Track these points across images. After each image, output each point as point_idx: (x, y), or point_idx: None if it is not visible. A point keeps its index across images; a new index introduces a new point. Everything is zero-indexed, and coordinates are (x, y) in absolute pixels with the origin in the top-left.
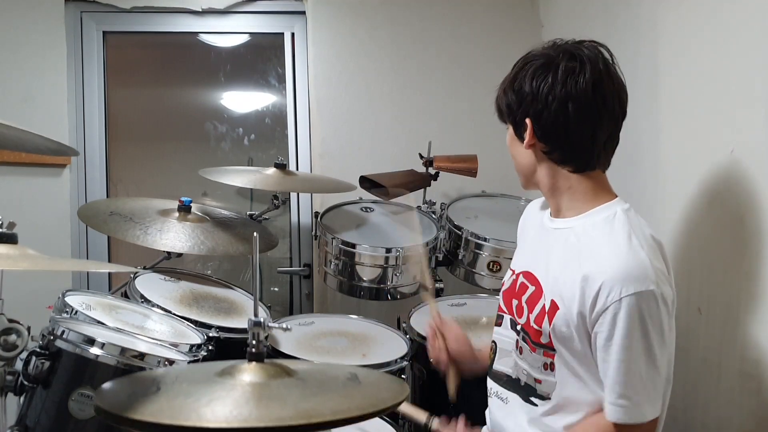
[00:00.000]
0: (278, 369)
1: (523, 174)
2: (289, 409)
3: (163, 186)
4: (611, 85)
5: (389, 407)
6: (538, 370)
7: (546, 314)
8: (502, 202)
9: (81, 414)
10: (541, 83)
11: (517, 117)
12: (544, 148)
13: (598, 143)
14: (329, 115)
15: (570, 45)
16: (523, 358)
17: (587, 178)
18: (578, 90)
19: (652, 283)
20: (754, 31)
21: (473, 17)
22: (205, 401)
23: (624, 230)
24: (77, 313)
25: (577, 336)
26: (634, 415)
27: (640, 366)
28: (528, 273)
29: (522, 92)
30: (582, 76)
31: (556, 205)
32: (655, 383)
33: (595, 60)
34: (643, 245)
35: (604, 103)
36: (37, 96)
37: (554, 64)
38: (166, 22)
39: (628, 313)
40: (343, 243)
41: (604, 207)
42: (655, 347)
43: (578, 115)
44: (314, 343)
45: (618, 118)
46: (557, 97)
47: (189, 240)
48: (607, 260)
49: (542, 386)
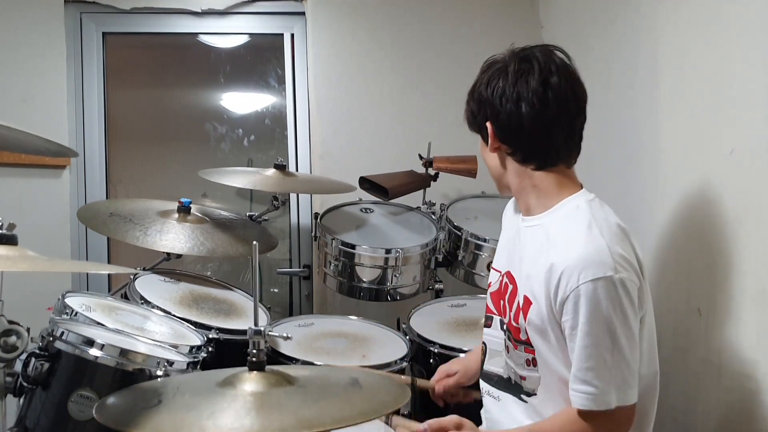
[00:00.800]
0: (279, 377)
1: (495, 178)
2: (290, 418)
3: (163, 187)
4: (564, 83)
5: (390, 412)
6: (522, 366)
7: (521, 310)
8: (501, 202)
9: (80, 415)
10: (495, 87)
11: (480, 122)
12: (508, 150)
13: (556, 139)
14: (329, 116)
15: (522, 49)
16: (510, 356)
17: (550, 173)
18: (529, 89)
19: (610, 269)
20: (754, 31)
21: (473, 18)
22: (206, 414)
23: (584, 219)
24: (77, 315)
25: (550, 329)
26: (600, 402)
27: (602, 352)
28: (509, 273)
29: (480, 98)
30: (531, 76)
31: (525, 204)
32: (621, 370)
33: (545, 60)
34: (603, 233)
35: (557, 100)
36: (36, 97)
37: (505, 68)
38: (165, 23)
39: (586, 299)
40: (343, 244)
41: (568, 200)
42: (618, 333)
43: (531, 114)
44: (314, 344)
45: (573, 114)
46: (510, 98)
47: (189, 241)
48: (566, 249)
49: (527, 382)
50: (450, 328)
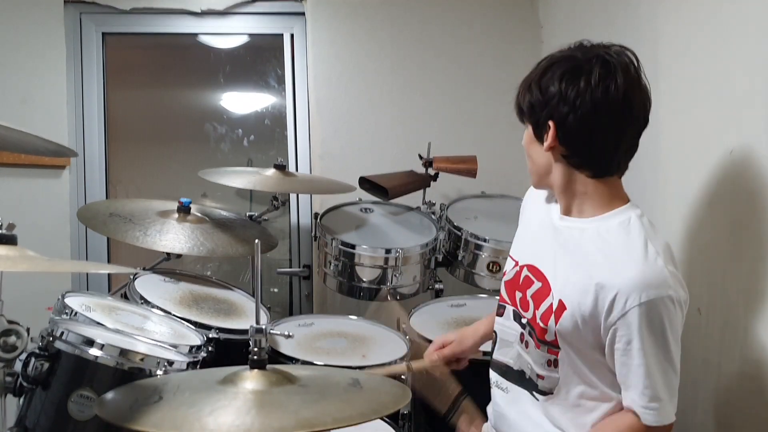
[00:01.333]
0: (280, 376)
1: (538, 174)
2: (290, 417)
3: (163, 187)
4: (640, 93)
5: (390, 412)
6: (542, 366)
7: (553, 313)
8: (501, 202)
9: (80, 415)
10: (569, 86)
11: (540, 118)
12: (564, 152)
13: (621, 151)
14: (329, 116)
15: (600, 49)
16: (528, 352)
17: (603, 183)
18: (609, 98)
19: (670, 288)
20: (754, 31)
21: (473, 18)
22: (207, 411)
23: (641, 237)
24: (77, 315)
25: (583, 336)
26: (664, 417)
27: (661, 368)
28: (533, 267)
29: (548, 93)
30: (613, 83)
31: (567, 204)
32: (673, 384)
33: (626, 67)
34: (659, 252)
35: (631, 111)
36: (36, 97)
37: (586, 69)
38: (165, 23)
39: (647, 318)
40: (343, 244)
41: (618, 211)
42: (672, 350)
43: (605, 123)
44: (314, 344)
45: (642, 126)
46: (587, 102)
47: (188, 241)
48: (625, 267)
49: (544, 382)
50: (450, 328)
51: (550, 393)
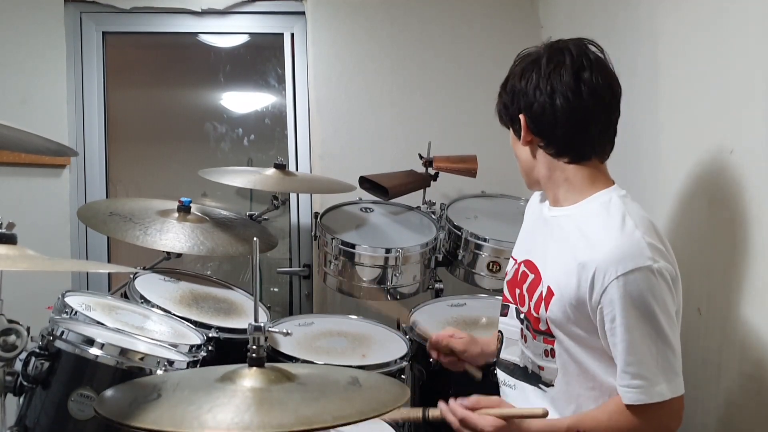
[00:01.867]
0: (279, 374)
1: (526, 173)
2: (290, 415)
3: (163, 186)
4: (598, 76)
5: (390, 411)
6: (540, 357)
7: (543, 300)
8: (501, 202)
9: (80, 414)
10: (528, 79)
11: (512, 115)
12: (540, 143)
13: (591, 133)
14: (329, 116)
15: (556, 42)
16: (527, 346)
17: (584, 167)
18: (562, 82)
19: (648, 258)
20: (753, 31)
21: (473, 18)
22: (206, 408)
23: (618, 213)
24: (77, 314)
25: (575, 321)
26: (652, 395)
27: (648, 344)
28: (528, 261)
29: (514, 90)
30: (565, 69)
31: (554, 195)
32: (669, 360)
33: (579, 54)
34: (638, 225)
35: (592, 94)
36: (36, 96)
37: (539, 60)
38: (165, 22)
39: (626, 291)
40: (343, 243)
41: (600, 194)
42: (662, 323)
43: (565, 107)
44: (314, 343)
45: (610, 108)
46: (544, 91)
47: (189, 240)
48: (601, 243)
49: (545, 373)
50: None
51: (552, 384)
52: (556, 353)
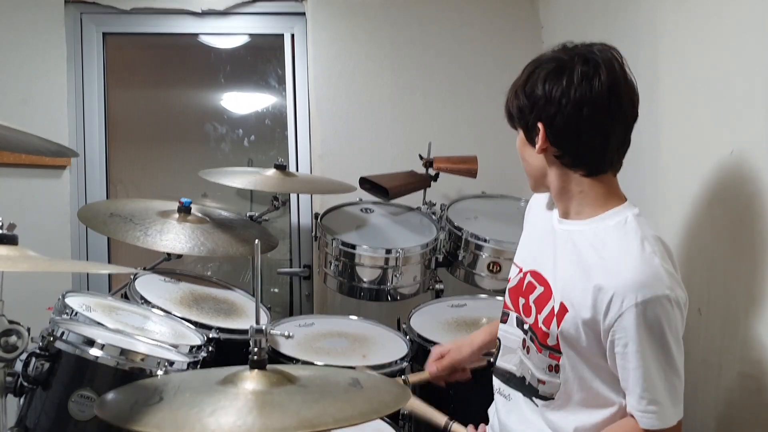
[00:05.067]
0: (280, 376)
1: (534, 177)
2: (291, 417)
3: (163, 187)
4: (625, 87)
5: (391, 411)
6: (543, 371)
7: (555, 316)
8: (502, 203)
9: (81, 415)
10: (554, 87)
11: (529, 121)
12: (556, 153)
13: (611, 147)
14: (329, 116)
15: (582, 48)
16: (529, 357)
17: (599, 182)
18: (593, 94)
19: (667, 288)
20: (754, 31)
21: (473, 18)
22: (208, 411)
23: (637, 237)
24: (77, 315)
25: (585, 339)
26: (664, 420)
27: (659, 372)
28: (536, 273)
29: (534, 96)
30: (597, 79)
31: (564, 208)
32: (675, 386)
33: (609, 63)
34: (656, 251)
35: (619, 106)
36: (36, 97)
37: (568, 68)
38: (166, 23)
39: (644, 318)
40: (343, 244)
41: (614, 211)
42: (673, 351)
43: (592, 120)
44: (314, 344)
45: (630, 121)
46: (571, 100)
47: (189, 241)
48: (621, 268)
49: (545, 387)
50: (450, 328)
51: (551, 398)
52: (561, 369)
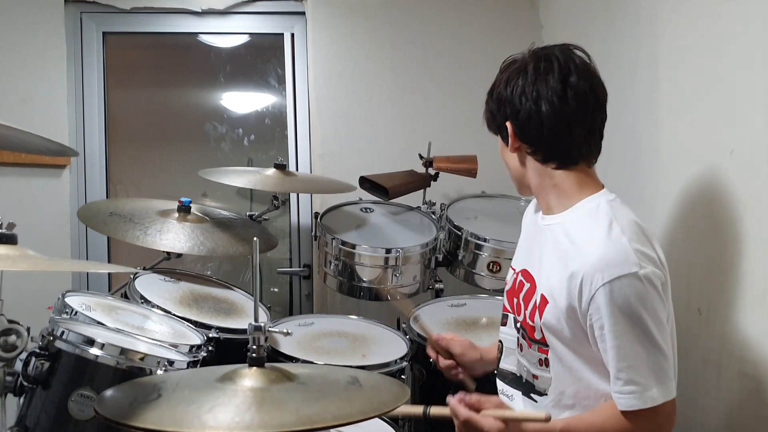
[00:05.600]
0: (279, 374)
1: (516, 179)
2: (290, 414)
3: (163, 187)
4: (583, 81)
5: (390, 410)
6: (535, 365)
7: (537, 309)
8: (501, 202)
9: (80, 415)
10: (514, 86)
11: (499, 122)
12: (528, 149)
13: (576, 138)
14: (329, 116)
15: (542, 48)
16: (523, 354)
17: (571, 173)
18: (548, 88)
19: (634, 265)
20: (754, 31)
21: (473, 18)
22: (207, 408)
23: (606, 219)
24: (77, 314)
25: (568, 329)
26: (645, 400)
27: (638, 350)
28: (525, 271)
29: (500, 97)
30: (551, 74)
31: (546, 204)
32: (660, 365)
33: (565, 59)
34: (624, 231)
35: (576, 98)
36: (36, 97)
37: (525, 67)
38: (165, 22)
39: (613, 298)
40: (343, 243)
41: (588, 199)
42: (651, 328)
43: (551, 113)
44: (314, 343)
45: (593, 112)
46: (529, 96)
47: (189, 240)
48: (588, 250)
49: (539, 382)
50: (450, 328)
51: (545, 393)
52: (550, 362)
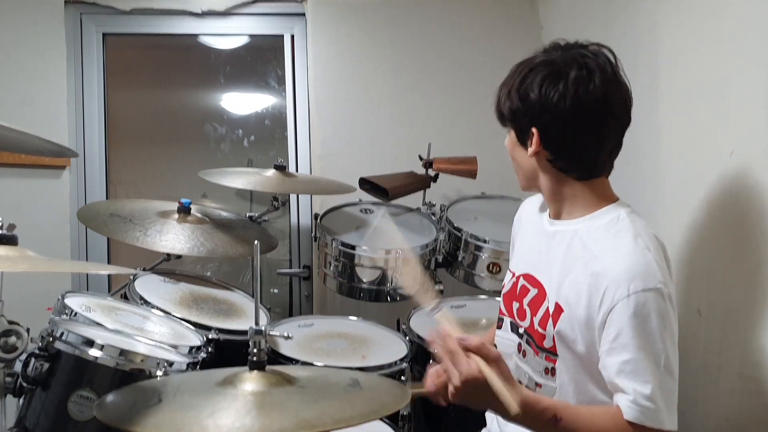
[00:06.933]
0: (279, 377)
1: (525, 177)
2: (291, 418)
3: (163, 187)
4: (619, 92)
5: (390, 412)
6: (540, 374)
7: (550, 317)
8: (501, 203)
9: (80, 416)
10: (549, 92)
11: (523, 125)
12: (549, 156)
13: (605, 152)
14: (329, 117)
15: (576, 52)
16: (526, 361)
17: (591, 185)
18: (588, 101)
19: (659, 282)
20: (754, 31)
21: (473, 19)
22: (207, 413)
23: (630, 231)
24: (77, 315)
25: (581, 339)
26: (654, 420)
27: (653, 368)
28: (529, 276)
29: (529, 100)
30: (592, 84)
31: (556, 209)
32: (671, 392)
33: (603, 67)
34: (649, 246)
35: (612, 111)
36: (36, 98)
37: (563, 73)
38: (165, 23)
39: (636, 310)
40: (343, 244)
41: (606, 210)
42: (669, 349)
43: (587, 126)
44: (314, 344)
45: (624, 125)
46: (567, 106)
47: (189, 241)
48: (613, 261)
49: (542, 390)
50: None
51: None
52: (557, 372)
